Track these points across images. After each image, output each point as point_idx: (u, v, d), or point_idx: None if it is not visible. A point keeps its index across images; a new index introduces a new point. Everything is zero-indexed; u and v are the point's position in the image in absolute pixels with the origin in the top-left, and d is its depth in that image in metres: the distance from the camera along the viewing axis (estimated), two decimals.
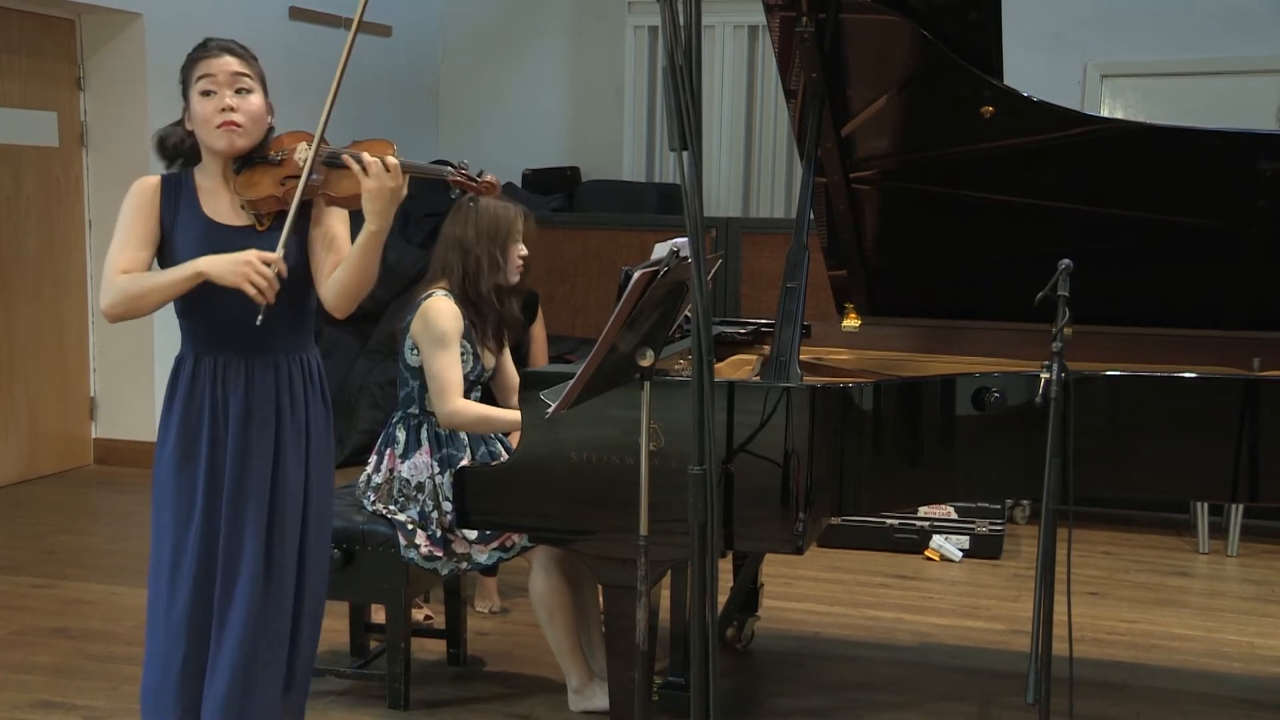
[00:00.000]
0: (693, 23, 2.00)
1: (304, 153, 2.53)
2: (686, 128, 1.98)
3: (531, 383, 2.84)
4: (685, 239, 2.12)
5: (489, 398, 3.59)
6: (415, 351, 3.37)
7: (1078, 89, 7.03)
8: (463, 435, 3.41)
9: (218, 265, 2.44)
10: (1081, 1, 6.95)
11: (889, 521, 5.00)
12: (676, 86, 1.98)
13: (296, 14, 6.94)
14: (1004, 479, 2.98)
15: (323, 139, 2.53)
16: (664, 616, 3.55)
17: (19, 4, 5.75)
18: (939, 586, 4.67)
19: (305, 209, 2.55)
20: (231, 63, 2.53)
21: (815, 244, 3.18)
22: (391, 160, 2.46)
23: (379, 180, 2.45)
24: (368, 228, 2.48)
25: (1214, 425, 2.90)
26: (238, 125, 2.51)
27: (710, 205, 7.53)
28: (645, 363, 2.44)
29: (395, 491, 3.34)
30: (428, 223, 7.12)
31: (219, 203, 2.57)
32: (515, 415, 3.32)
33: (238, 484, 2.54)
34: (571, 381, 2.39)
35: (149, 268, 2.54)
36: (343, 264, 2.54)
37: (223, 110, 2.50)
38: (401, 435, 3.39)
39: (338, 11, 7.29)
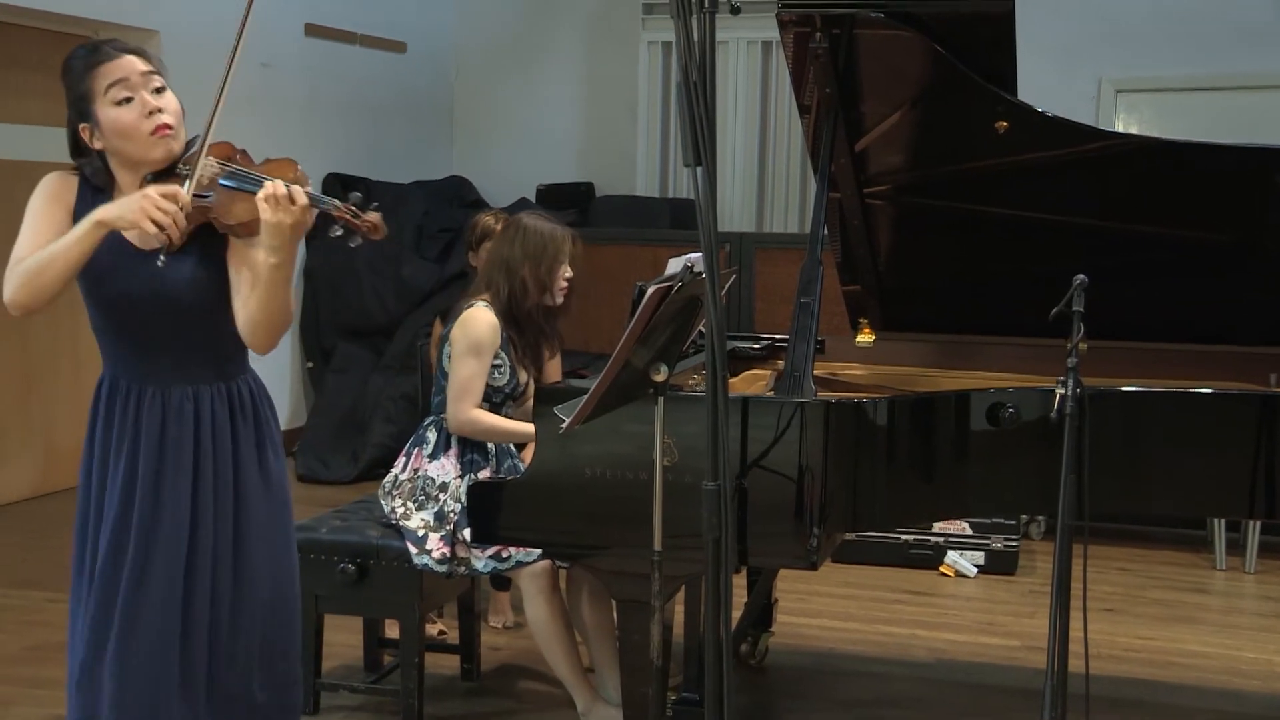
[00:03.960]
0: (707, 38, 2.01)
1: (211, 169, 2.29)
2: (701, 143, 1.99)
3: (545, 398, 2.84)
4: (699, 254, 2.13)
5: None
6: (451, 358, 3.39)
7: (1092, 104, 7.03)
8: (489, 445, 3.43)
9: (113, 209, 2.21)
10: (1096, 16, 6.95)
11: (904, 537, 4.98)
12: (691, 102, 1.98)
13: (312, 30, 6.99)
14: (1019, 494, 2.97)
15: (212, 155, 2.30)
16: (678, 631, 3.54)
17: (38, 22, 5.79)
18: (954, 602, 4.66)
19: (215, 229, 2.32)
20: (138, 62, 2.30)
21: (829, 259, 3.18)
22: (300, 195, 2.22)
23: (277, 214, 2.21)
24: (266, 259, 2.25)
25: (1231, 441, 2.89)
26: (170, 127, 2.30)
27: (724, 220, 7.54)
28: (659, 378, 2.44)
29: (418, 490, 3.35)
30: (442, 238, 7.15)
31: None
32: (525, 427, 3.33)
33: (146, 531, 2.34)
34: (585, 397, 2.39)
35: None
36: (247, 298, 2.32)
37: (151, 114, 2.28)
38: (432, 436, 3.41)
39: (353, 28, 7.33)
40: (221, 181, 2.31)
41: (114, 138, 2.30)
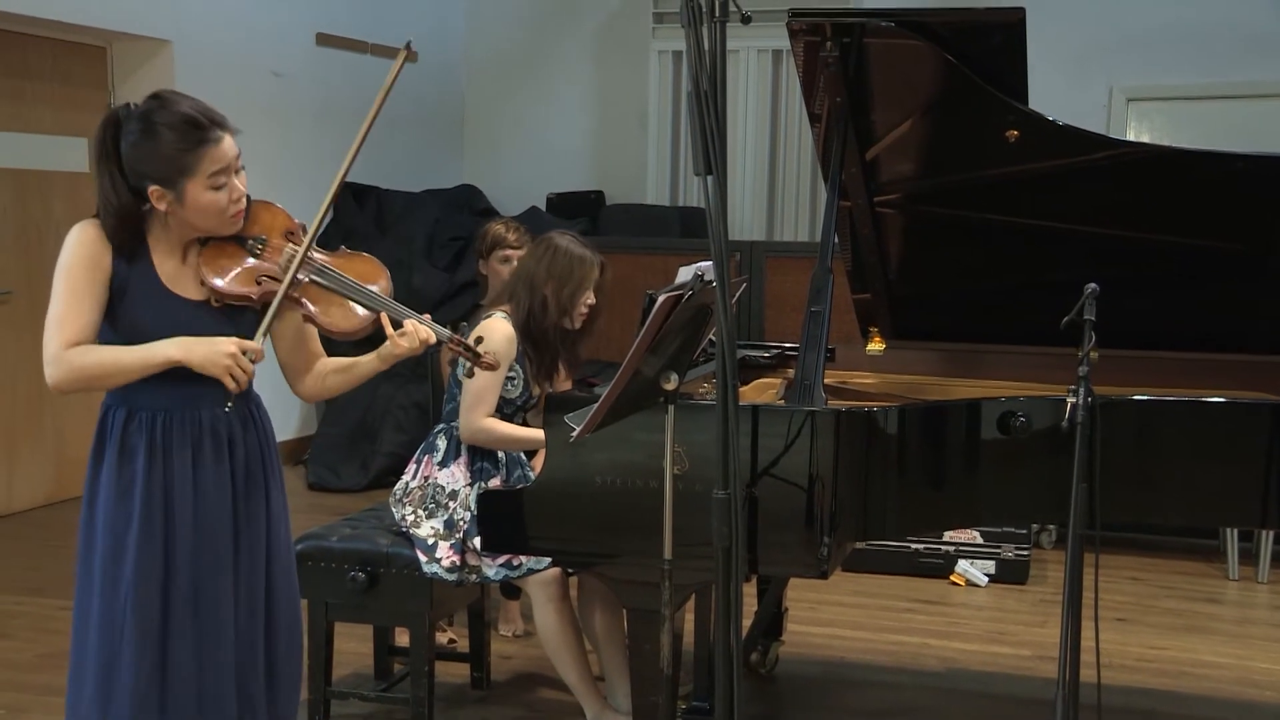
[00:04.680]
0: (717, 47, 2.01)
1: (289, 255, 2.38)
2: (711, 152, 1.99)
3: (555, 406, 2.84)
4: (709, 263, 2.13)
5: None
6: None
7: (1103, 112, 7.03)
8: (499, 453, 3.44)
9: (196, 354, 2.28)
10: (1107, 25, 6.95)
11: (914, 546, 4.97)
12: (701, 111, 1.99)
13: (323, 40, 7.01)
14: (1030, 503, 2.96)
15: (276, 226, 2.42)
16: (688, 640, 3.54)
17: (51, 32, 5.82)
18: (965, 611, 4.64)
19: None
20: (233, 146, 2.34)
21: (840, 267, 3.18)
22: (431, 335, 2.46)
23: (412, 348, 2.46)
24: (376, 363, 2.51)
25: (1243, 450, 2.88)
26: (243, 210, 2.39)
27: (734, 229, 7.53)
28: (669, 386, 2.44)
29: (428, 497, 3.35)
30: (452, 246, 7.16)
31: (175, 269, 2.37)
32: (536, 434, 3.34)
33: (191, 564, 2.38)
34: (596, 405, 2.40)
35: (97, 334, 2.32)
36: (338, 379, 2.58)
37: (236, 200, 2.35)
38: (442, 444, 3.42)
39: (364, 37, 7.35)
40: (314, 278, 2.42)
41: (194, 214, 2.33)
